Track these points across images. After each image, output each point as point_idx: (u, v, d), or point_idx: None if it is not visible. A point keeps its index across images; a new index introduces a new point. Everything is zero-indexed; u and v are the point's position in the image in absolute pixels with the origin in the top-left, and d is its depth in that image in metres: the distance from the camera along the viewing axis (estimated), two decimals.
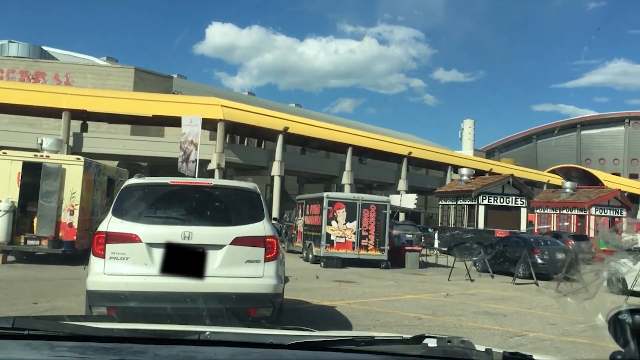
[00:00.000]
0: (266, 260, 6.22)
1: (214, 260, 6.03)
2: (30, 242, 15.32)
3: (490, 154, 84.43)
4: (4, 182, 15.16)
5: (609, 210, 31.37)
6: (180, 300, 5.60)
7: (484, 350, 1.59)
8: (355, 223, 19.38)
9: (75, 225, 15.41)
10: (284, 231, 24.67)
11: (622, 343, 1.30)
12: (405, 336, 1.85)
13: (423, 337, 1.78)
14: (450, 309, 11.26)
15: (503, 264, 18.85)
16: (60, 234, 15.33)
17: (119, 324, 2.13)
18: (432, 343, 1.73)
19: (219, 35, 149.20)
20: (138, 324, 2.09)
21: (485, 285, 16.13)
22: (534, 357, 1.35)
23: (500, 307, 11.88)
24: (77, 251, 15.20)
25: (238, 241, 6.17)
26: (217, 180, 9.52)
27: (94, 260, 6.18)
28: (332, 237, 19.32)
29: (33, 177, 15.27)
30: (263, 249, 6.23)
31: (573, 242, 23.19)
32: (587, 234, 27.82)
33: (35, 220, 15.43)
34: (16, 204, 15.16)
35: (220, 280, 5.95)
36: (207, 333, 1.70)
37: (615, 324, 1.32)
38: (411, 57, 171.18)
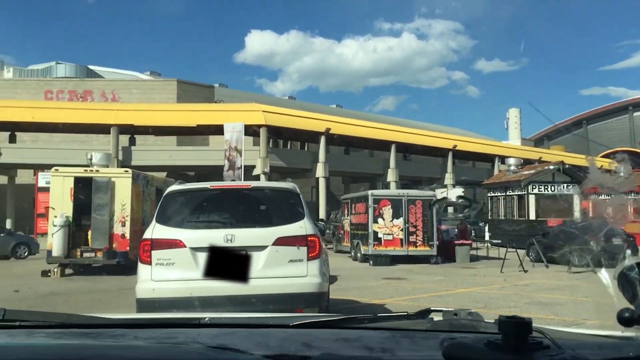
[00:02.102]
0: (309, 259, 6.17)
1: (257, 262, 6.02)
2: (85, 255, 15.82)
3: (539, 142, 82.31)
4: (57, 198, 15.71)
5: None
6: (226, 303, 5.61)
7: (492, 321, 1.54)
8: (401, 219, 19.20)
9: (127, 236, 15.82)
10: (331, 231, 24.68)
11: (630, 298, 1.25)
12: (410, 312, 1.81)
13: (429, 311, 1.73)
14: (504, 301, 11.01)
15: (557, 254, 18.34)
16: (114, 245, 15.77)
17: (124, 314, 2.11)
18: (438, 317, 1.68)
19: (258, 42, 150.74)
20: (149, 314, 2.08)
21: (539, 275, 15.72)
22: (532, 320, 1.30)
23: (555, 296, 11.56)
24: (130, 261, 15.51)
25: (280, 241, 6.15)
26: (256, 182, 9.51)
27: (141, 267, 6.27)
28: (380, 235, 19.20)
29: (85, 191, 15.78)
30: (305, 247, 6.18)
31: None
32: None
33: (89, 233, 15.91)
34: (70, 219, 15.67)
35: (264, 282, 5.89)
36: (206, 318, 1.68)
37: (624, 281, 1.26)
38: (451, 49, 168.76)
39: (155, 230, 6.28)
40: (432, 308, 1.75)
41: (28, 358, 0.88)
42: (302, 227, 6.28)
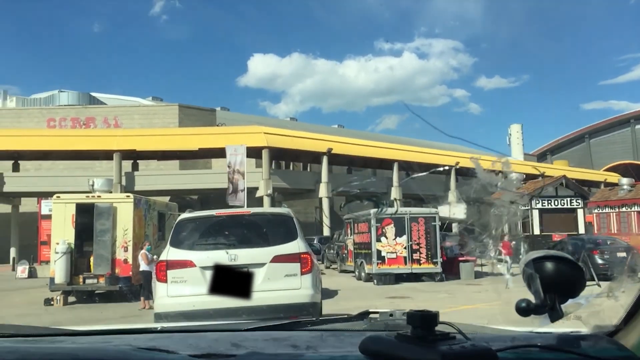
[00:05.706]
0: (302, 273, 7.13)
1: (257, 277, 6.91)
2: (88, 281, 15.77)
3: (542, 157, 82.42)
4: (59, 224, 15.74)
5: None
6: (232, 314, 6.09)
7: None
8: (405, 237, 19.15)
9: (129, 261, 15.76)
10: (335, 252, 24.60)
11: (533, 290, 1.29)
12: (350, 314, 1.87)
13: (367, 313, 1.80)
14: None
15: None
16: (117, 271, 15.71)
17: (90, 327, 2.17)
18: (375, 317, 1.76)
19: (261, 66, 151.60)
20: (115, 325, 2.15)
21: None
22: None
23: None
24: (133, 287, 15.44)
25: (277, 259, 7.07)
26: (255, 209, 10.93)
27: (158, 285, 7.24)
28: (383, 254, 19.13)
29: (87, 217, 15.78)
30: (299, 264, 7.14)
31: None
32: None
33: (91, 259, 15.88)
34: (72, 245, 15.66)
35: (263, 294, 6.70)
36: (159, 327, 1.77)
37: (526, 276, 1.30)
38: (452, 67, 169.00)
39: (170, 253, 7.27)
40: (370, 310, 1.81)
41: None
42: (295, 246, 7.24)
